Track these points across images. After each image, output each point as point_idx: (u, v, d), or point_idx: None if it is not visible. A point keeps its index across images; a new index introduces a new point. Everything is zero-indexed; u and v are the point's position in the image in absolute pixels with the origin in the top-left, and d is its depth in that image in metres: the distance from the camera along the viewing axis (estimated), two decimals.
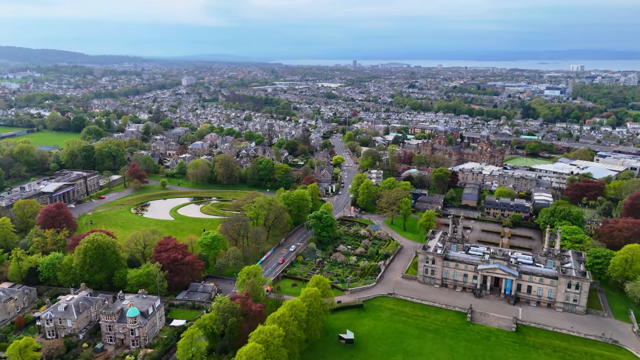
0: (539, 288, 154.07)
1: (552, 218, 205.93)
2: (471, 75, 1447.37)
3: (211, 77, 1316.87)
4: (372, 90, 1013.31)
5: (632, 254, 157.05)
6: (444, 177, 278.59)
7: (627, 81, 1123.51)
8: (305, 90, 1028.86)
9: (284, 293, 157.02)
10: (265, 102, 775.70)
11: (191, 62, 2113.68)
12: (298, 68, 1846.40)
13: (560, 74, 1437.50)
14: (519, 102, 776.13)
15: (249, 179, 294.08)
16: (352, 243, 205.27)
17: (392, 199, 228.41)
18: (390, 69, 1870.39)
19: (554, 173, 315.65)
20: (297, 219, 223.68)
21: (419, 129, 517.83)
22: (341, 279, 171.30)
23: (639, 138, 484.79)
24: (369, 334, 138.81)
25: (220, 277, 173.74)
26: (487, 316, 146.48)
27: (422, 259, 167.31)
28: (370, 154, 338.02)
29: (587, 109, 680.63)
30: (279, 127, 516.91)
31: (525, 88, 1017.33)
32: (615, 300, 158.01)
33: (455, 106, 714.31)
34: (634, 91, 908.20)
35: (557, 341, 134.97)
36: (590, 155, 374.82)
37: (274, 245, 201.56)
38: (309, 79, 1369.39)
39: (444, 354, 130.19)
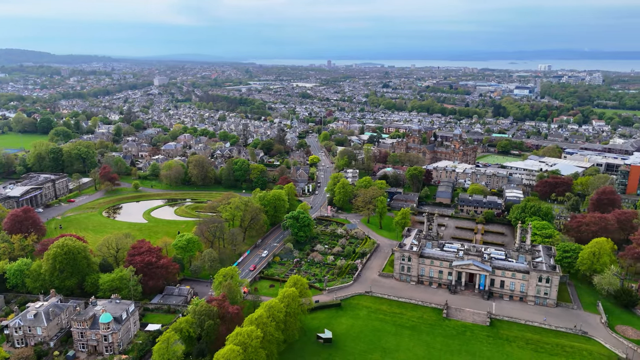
0: (511, 283, 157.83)
1: (523, 214, 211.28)
2: (444, 75, 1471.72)
3: (184, 77, 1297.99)
4: (346, 90, 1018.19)
5: (599, 248, 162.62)
6: (418, 175, 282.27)
7: (592, 80, 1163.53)
8: (280, 90, 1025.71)
9: (261, 294, 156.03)
10: (239, 102, 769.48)
11: (163, 62, 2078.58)
12: (272, 68, 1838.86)
13: (529, 74, 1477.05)
14: (490, 101, 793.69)
15: (224, 180, 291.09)
16: (330, 242, 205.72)
17: (368, 197, 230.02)
18: (364, 69, 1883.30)
19: (524, 170, 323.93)
20: (273, 219, 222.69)
21: (393, 128, 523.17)
22: (319, 279, 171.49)
23: (604, 135, 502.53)
24: (347, 332, 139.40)
25: (196, 280, 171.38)
26: (462, 311, 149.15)
27: (398, 256, 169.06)
28: (346, 154, 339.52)
29: (554, 107, 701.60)
30: (254, 127, 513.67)
31: (496, 87, 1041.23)
32: (584, 292, 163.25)
33: (428, 105, 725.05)
34: (599, 90, 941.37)
35: (529, 334, 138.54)
36: (558, 152, 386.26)
37: (251, 247, 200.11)
38: (283, 78, 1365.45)
39: (420, 350, 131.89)
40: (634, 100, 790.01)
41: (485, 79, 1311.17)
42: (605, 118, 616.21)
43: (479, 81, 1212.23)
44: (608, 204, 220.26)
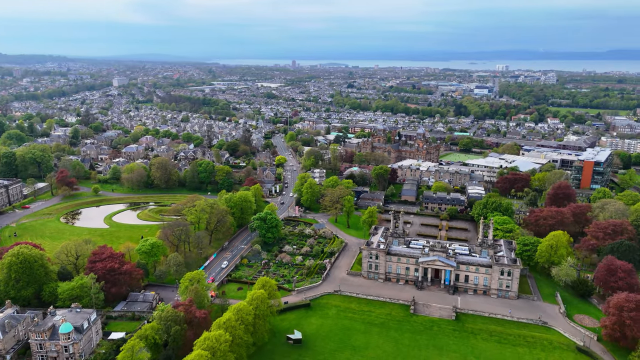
0: (475, 277, 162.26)
1: (484, 210, 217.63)
2: (406, 75, 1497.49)
3: (145, 77, 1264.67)
4: (312, 90, 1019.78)
5: (557, 241, 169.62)
6: (384, 174, 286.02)
7: (547, 80, 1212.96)
8: (245, 90, 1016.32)
9: (229, 297, 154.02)
10: (203, 102, 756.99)
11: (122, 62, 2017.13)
12: (236, 68, 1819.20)
13: (488, 74, 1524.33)
14: (452, 101, 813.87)
15: (188, 182, 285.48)
16: (298, 243, 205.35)
17: (335, 197, 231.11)
18: (329, 69, 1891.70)
19: (485, 167, 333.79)
20: (240, 221, 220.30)
21: (359, 128, 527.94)
22: (287, 280, 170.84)
23: (558, 133, 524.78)
24: (317, 332, 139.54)
25: (161, 285, 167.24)
26: (429, 307, 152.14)
27: (366, 254, 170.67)
28: (312, 154, 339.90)
29: (512, 106, 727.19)
30: (218, 128, 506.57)
31: (457, 87, 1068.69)
32: (543, 284, 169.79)
33: (392, 105, 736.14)
34: (553, 89, 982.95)
35: (493, 326, 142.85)
36: (516, 149, 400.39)
37: (218, 249, 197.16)
38: (248, 78, 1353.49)
39: (389, 346, 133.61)
40: (586, 98, 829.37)
41: (447, 78, 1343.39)
42: (559, 116, 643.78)
43: (441, 81, 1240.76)
44: (564, 198, 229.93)
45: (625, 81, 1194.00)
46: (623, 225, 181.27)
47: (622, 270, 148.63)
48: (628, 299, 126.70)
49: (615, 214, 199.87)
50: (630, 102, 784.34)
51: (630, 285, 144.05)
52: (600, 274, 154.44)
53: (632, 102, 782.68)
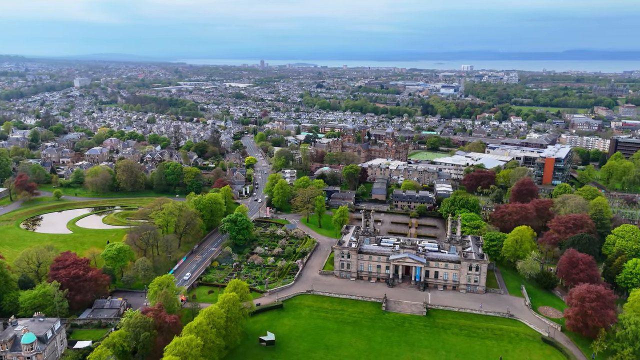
0: (444, 273, 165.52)
1: (452, 207, 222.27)
2: (375, 75, 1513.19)
3: (108, 77, 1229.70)
4: (281, 90, 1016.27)
5: (521, 235, 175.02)
6: (354, 173, 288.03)
7: (509, 79, 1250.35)
8: (213, 90, 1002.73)
9: (200, 301, 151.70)
10: (169, 103, 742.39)
11: (84, 62, 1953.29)
12: (203, 68, 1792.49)
13: (454, 74, 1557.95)
14: (419, 100, 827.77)
15: (155, 185, 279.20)
16: (269, 244, 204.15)
17: (306, 197, 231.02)
18: (298, 69, 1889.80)
19: (452, 165, 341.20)
20: (210, 223, 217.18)
21: (328, 128, 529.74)
22: (259, 281, 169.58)
23: (521, 131, 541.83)
24: (290, 333, 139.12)
25: (129, 291, 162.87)
26: (400, 304, 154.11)
27: (337, 254, 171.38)
28: (283, 154, 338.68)
29: (477, 105, 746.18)
30: (186, 129, 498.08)
31: (424, 87, 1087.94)
32: (509, 277, 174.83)
33: (361, 105, 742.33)
34: (515, 88, 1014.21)
35: (462, 320, 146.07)
36: (482, 147, 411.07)
37: (187, 253, 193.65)
38: (215, 79, 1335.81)
39: (362, 344, 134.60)
40: (546, 97, 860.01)
41: (414, 78, 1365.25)
42: (522, 114, 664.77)
43: (408, 81, 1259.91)
44: (527, 194, 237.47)
45: (583, 80, 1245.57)
46: (583, 219, 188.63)
47: (583, 262, 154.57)
48: (589, 290, 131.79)
49: (575, 208, 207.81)
50: (587, 101, 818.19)
51: (590, 277, 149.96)
52: (562, 267, 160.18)
53: (590, 101, 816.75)
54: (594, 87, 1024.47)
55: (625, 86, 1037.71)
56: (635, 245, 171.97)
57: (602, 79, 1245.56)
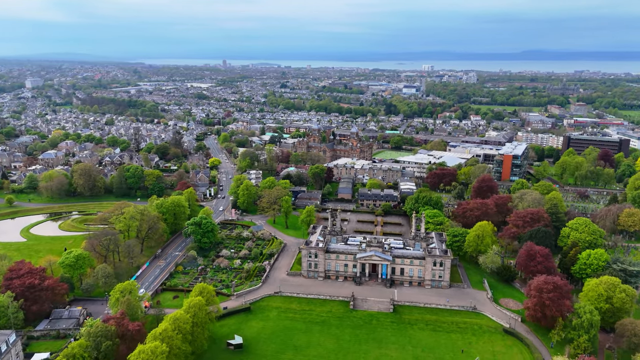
0: (410, 269, 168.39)
1: (416, 204, 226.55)
2: (338, 75, 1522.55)
3: (62, 78, 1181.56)
4: (244, 90, 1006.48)
5: (482, 230, 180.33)
6: (320, 173, 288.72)
7: (468, 79, 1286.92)
8: (174, 91, 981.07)
9: (165, 307, 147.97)
10: (129, 104, 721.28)
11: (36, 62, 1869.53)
12: (164, 68, 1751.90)
13: (415, 74, 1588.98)
14: (382, 100, 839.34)
15: (115, 189, 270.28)
16: (236, 246, 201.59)
17: (272, 198, 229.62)
18: (261, 69, 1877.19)
19: (415, 164, 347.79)
20: (174, 227, 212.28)
21: (294, 128, 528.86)
22: (226, 284, 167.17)
23: (480, 129, 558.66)
24: (258, 335, 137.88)
25: (89, 299, 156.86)
26: (367, 301, 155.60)
27: (305, 254, 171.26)
28: (247, 155, 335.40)
29: (438, 104, 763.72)
30: (146, 130, 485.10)
31: (387, 87, 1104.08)
32: (472, 272, 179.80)
33: (325, 105, 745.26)
34: (474, 88, 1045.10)
35: (428, 315, 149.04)
36: (443, 145, 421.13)
37: (150, 258, 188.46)
38: (176, 79, 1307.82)
39: (330, 343, 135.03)
40: (503, 96, 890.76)
41: (377, 78, 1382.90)
42: (481, 113, 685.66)
43: (371, 81, 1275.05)
44: (487, 190, 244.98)
45: (537, 80, 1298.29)
46: (539, 213, 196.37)
47: (540, 254, 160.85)
48: (546, 281, 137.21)
49: (532, 203, 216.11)
50: (541, 100, 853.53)
51: (547, 269, 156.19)
52: (521, 260, 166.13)
53: (543, 100, 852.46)
54: (548, 87, 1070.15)
55: (576, 85, 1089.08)
56: (588, 237, 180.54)
57: (554, 79, 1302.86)
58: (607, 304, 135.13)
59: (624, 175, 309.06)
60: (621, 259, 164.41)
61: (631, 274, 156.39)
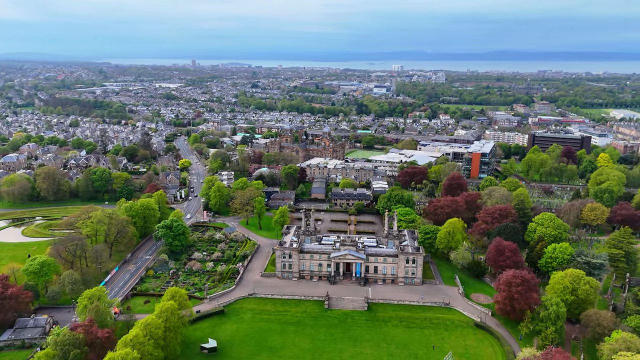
0: (383, 267, 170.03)
1: (389, 203, 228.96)
2: (310, 75, 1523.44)
3: (23, 78, 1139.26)
4: (215, 90, 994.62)
5: (453, 227, 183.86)
6: (293, 173, 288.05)
7: (437, 79, 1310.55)
8: (142, 91, 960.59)
9: (135, 312, 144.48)
10: (94, 105, 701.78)
11: None
12: (131, 68, 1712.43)
13: (385, 74, 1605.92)
14: (353, 100, 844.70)
15: (81, 192, 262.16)
16: (208, 249, 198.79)
17: (245, 199, 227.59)
18: (231, 69, 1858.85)
19: (387, 163, 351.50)
20: (144, 230, 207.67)
21: (265, 128, 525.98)
22: (199, 288, 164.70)
23: (449, 128, 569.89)
24: (232, 338, 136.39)
25: (55, 307, 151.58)
26: (342, 300, 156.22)
27: (279, 254, 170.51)
28: (219, 156, 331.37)
29: (408, 104, 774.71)
30: (113, 132, 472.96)
31: (358, 87, 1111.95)
32: (443, 268, 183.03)
33: (297, 105, 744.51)
34: (443, 88, 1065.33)
35: (401, 312, 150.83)
36: (414, 144, 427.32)
37: (119, 262, 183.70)
38: (144, 79, 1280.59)
39: (305, 343, 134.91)
40: (471, 96, 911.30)
41: (348, 78, 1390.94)
42: (449, 112, 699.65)
43: (342, 81, 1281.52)
44: (457, 188, 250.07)
45: (503, 80, 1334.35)
46: (507, 210, 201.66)
47: (509, 249, 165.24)
48: (515, 276, 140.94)
49: (500, 199, 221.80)
50: (507, 99, 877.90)
51: (516, 263, 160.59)
52: (490, 255, 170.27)
53: (509, 99, 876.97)
54: (513, 86, 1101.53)
55: (539, 85, 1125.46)
56: (553, 231, 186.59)
57: (519, 78, 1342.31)
58: (572, 296, 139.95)
59: (586, 171, 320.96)
60: (585, 252, 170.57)
61: (594, 266, 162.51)
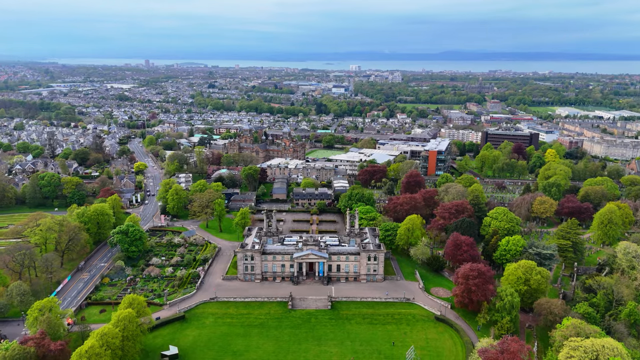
0: (346, 265, 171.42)
1: (350, 201, 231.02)
2: (268, 75, 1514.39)
3: None
4: (170, 90, 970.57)
5: (412, 224, 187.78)
6: (253, 174, 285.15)
7: (394, 79, 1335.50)
8: (92, 92, 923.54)
9: (90, 322, 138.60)
10: (41, 107, 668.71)
11: None
12: (80, 68, 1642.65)
13: (343, 73, 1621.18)
14: (313, 100, 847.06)
15: (28, 199, 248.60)
16: (167, 253, 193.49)
17: (204, 201, 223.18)
18: (187, 69, 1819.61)
19: (347, 162, 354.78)
20: (98, 237, 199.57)
21: (224, 129, 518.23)
22: (158, 294, 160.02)
23: (407, 126, 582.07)
24: (194, 344, 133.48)
25: (3, 321, 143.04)
26: (305, 300, 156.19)
27: (241, 257, 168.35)
28: (176, 158, 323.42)
29: (367, 104, 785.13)
30: (62, 135, 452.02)
31: (316, 86, 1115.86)
32: (404, 264, 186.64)
33: (256, 105, 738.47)
34: (399, 87, 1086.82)
35: (364, 309, 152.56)
36: (373, 143, 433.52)
37: (72, 271, 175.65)
38: (95, 79, 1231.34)
39: (270, 345, 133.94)
40: (426, 95, 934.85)
41: (306, 78, 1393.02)
42: (406, 111, 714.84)
43: (301, 81, 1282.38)
44: (415, 185, 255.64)
45: (456, 79, 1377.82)
46: (463, 205, 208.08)
47: (466, 244, 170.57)
48: (472, 269, 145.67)
49: (456, 195, 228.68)
50: (461, 98, 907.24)
51: (472, 257, 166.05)
52: (448, 249, 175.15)
53: (463, 98, 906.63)
54: (466, 85, 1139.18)
55: (490, 84, 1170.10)
56: (506, 225, 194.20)
57: (472, 78, 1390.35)
58: (525, 286, 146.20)
59: (535, 167, 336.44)
60: (536, 243, 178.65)
61: (545, 257, 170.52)
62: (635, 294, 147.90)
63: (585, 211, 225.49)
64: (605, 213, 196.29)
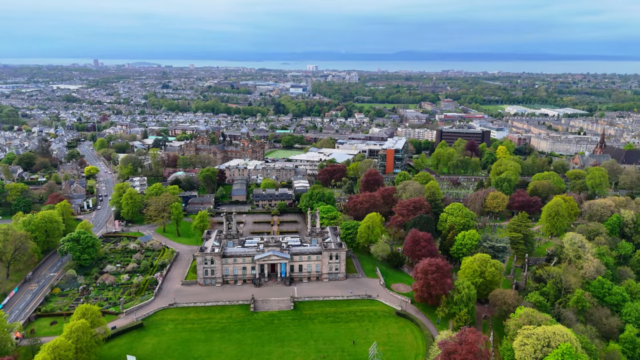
0: (308, 265, 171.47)
1: (310, 201, 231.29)
2: (224, 75, 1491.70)
3: None
4: (121, 91, 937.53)
5: (372, 222, 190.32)
6: (211, 176, 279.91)
7: (351, 79, 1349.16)
8: (37, 93, 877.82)
9: (41, 335, 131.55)
10: None
11: None
12: (23, 68, 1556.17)
13: (301, 73, 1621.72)
14: (270, 100, 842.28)
15: None
16: (122, 260, 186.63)
17: (161, 205, 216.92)
18: (139, 69, 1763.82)
19: (307, 162, 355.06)
20: (46, 245, 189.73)
21: (179, 130, 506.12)
22: (114, 302, 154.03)
23: (364, 126, 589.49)
24: (154, 352, 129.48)
25: None
26: (268, 302, 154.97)
27: (200, 261, 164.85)
28: (129, 161, 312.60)
29: (325, 103, 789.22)
30: (5, 139, 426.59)
31: (274, 86, 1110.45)
32: (365, 261, 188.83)
33: (212, 105, 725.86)
34: (356, 87, 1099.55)
35: (327, 308, 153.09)
36: (332, 143, 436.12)
37: (19, 282, 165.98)
38: (39, 80, 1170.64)
39: (232, 349, 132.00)
40: (383, 95, 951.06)
41: (264, 78, 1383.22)
42: (364, 111, 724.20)
43: (258, 81, 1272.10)
44: (374, 183, 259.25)
45: (411, 79, 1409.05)
46: (421, 202, 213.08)
47: (424, 239, 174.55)
48: (430, 264, 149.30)
49: (414, 192, 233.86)
50: (416, 97, 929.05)
51: (430, 252, 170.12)
52: (407, 246, 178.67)
53: (418, 97, 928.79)
54: (420, 85, 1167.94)
55: (444, 83, 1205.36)
56: (462, 220, 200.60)
57: (426, 78, 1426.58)
58: (480, 279, 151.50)
59: (487, 163, 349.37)
60: (489, 237, 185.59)
61: (498, 249, 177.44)
62: (582, 282, 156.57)
63: (534, 204, 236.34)
64: (553, 206, 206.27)
